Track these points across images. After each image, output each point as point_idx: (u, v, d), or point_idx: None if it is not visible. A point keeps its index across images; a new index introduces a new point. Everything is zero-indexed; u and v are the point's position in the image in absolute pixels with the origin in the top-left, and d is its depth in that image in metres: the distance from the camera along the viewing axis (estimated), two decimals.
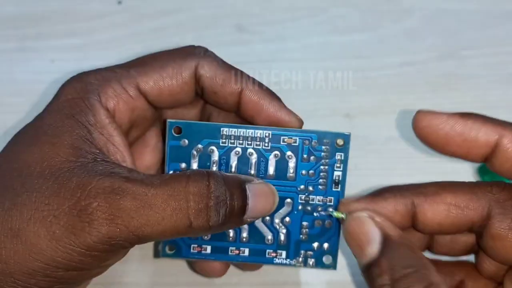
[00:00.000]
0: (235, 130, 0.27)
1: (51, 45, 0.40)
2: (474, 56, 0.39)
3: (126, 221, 0.22)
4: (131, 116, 0.27)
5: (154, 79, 0.27)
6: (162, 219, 0.23)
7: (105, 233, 0.22)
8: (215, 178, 0.24)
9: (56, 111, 0.25)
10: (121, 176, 0.23)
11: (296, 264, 0.29)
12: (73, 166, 0.23)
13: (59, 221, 0.22)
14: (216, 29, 0.41)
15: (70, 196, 0.22)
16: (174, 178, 0.24)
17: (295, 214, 0.28)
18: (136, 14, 0.42)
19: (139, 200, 0.23)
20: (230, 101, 0.28)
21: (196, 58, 0.27)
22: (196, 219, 0.23)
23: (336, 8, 0.41)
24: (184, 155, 0.28)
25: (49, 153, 0.24)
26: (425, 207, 0.25)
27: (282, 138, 0.28)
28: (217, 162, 0.28)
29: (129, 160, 0.26)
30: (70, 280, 0.23)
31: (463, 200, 0.25)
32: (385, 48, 0.40)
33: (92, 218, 0.22)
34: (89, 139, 0.25)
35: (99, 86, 0.26)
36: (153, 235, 0.23)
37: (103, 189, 0.23)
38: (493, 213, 0.24)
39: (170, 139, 0.28)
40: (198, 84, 0.28)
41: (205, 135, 0.27)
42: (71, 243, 0.22)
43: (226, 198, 0.24)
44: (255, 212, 0.25)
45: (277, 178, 0.28)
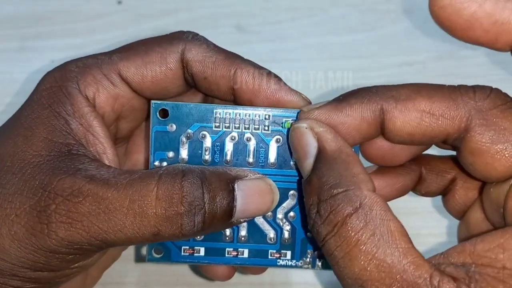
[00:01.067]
0: (231, 112, 0.24)
1: (51, 45, 0.40)
2: (474, 56, 0.39)
3: (86, 226, 0.21)
4: (114, 105, 0.25)
5: (136, 65, 0.24)
6: (123, 226, 0.21)
7: (64, 237, 0.21)
8: (191, 179, 0.22)
9: (34, 101, 0.24)
10: (85, 175, 0.22)
11: (303, 265, 0.25)
12: (42, 161, 0.22)
13: (20, 221, 0.21)
14: (216, 29, 0.41)
15: (32, 195, 0.21)
16: (142, 178, 0.22)
17: (300, 208, 0.25)
18: (136, 14, 0.42)
19: (99, 203, 0.21)
20: (223, 86, 0.25)
21: (183, 42, 0.25)
22: (164, 228, 0.21)
23: (336, 8, 0.41)
24: (172, 142, 0.24)
25: (21, 147, 0.23)
26: (395, 114, 0.22)
27: (284, 121, 0.24)
28: (210, 150, 0.24)
29: (110, 152, 0.24)
30: (42, 280, 0.22)
31: (439, 107, 0.22)
32: (385, 48, 0.40)
33: (50, 221, 0.21)
34: (66, 130, 0.23)
35: (78, 74, 0.24)
36: (119, 242, 0.21)
37: (62, 191, 0.21)
38: (473, 124, 0.21)
39: (155, 124, 0.24)
40: (187, 71, 0.25)
41: (195, 119, 0.24)
42: (32, 244, 0.21)
43: (203, 203, 0.22)
44: (247, 213, 0.23)
45: (279, 167, 0.25)
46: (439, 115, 0.22)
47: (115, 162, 0.24)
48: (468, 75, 0.39)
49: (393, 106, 0.22)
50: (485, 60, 0.39)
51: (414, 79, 0.39)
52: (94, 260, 0.24)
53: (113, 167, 0.23)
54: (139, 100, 0.26)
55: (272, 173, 0.25)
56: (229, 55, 0.25)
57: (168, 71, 0.25)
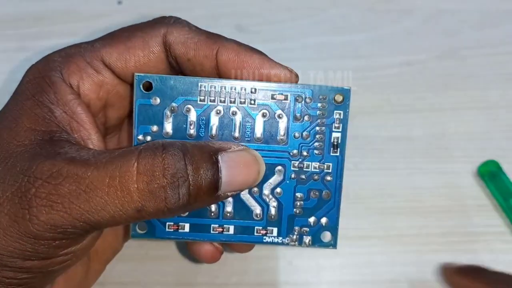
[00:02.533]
0: (216, 85, 0.24)
1: (51, 45, 0.40)
2: (474, 56, 0.39)
3: (67, 208, 0.21)
4: (99, 92, 0.25)
5: (118, 50, 0.24)
6: (105, 204, 0.21)
7: (45, 220, 0.21)
8: (172, 151, 0.21)
9: (19, 93, 0.24)
10: (65, 158, 0.21)
11: (290, 242, 0.25)
12: (25, 150, 0.22)
13: (3, 209, 0.21)
14: (216, 29, 0.41)
15: (13, 182, 0.21)
16: (122, 155, 0.21)
17: (287, 184, 0.25)
18: (136, 14, 0.42)
19: (79, 183, 0.21)
20: (207, 66, 0.24)
21: (164, 26, 0.25)
22: (148, 202, 0.21)
23: (336, 8, 0.41)
24: (156, 116, 0.24)
25: (6, 139, 0.23)
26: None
27: (271, 95, 0.24)
28: (194, 124, 0.24)
29: (95, 137, 0.24)
30: (34, 268, 0.22)
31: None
32: (385, 48, 0.40)
33: (31, 205, 0.21)
34: (50, 118, 0.23)
35: (61, 63, 0.24)
36: (103, 222, 0.21)
37: (41, 174, 0.21)
38: None
39: (138, 97, 0.24)
40: (170, 54, 0.25)
41: (180, 92, 0.24)
42: (16, 231, 0.21)
43: (186, 175, 0.21)
44: (234, 186, 0.22)
45: (266, 142, 0.24)
46: None
47: (101, 147, 0.24)
48: (468, 75, 0.39)
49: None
50: (486, 60, 0.39)
51: (414, 79, 0.39)
52: (86, 246, 0.23)
53: (93, 149, 0.23)
54: (124, 86, 0.26)
55: (258, 149, 0.24)
56: (211, 35, 0.25)
57: (151, 55, 0.24)
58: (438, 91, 0.38)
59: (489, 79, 0.38)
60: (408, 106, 0.38)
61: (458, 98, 0.38)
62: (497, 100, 0.38)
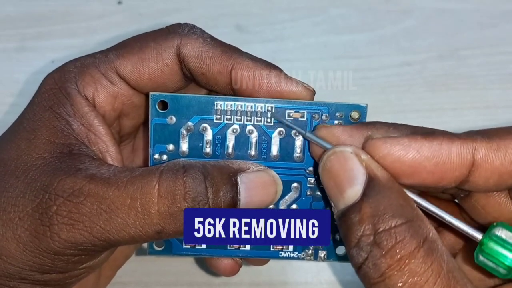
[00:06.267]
0: (232, 104, 0.24)
1: (51, 45, 0.40)
2: (473, 56, 0.39)
3: (88, 227, 0.21)
4: (114, 103, 0.25)
5: (132, 62, 0.24)
6: (125, 225, 0.21)
7: (66, 239, 0.21)
8: (193, 174, 0.21)
9: (36, 104, 0.24)
10: (86, 175, 0.21)
11: (305, 257, 0.25)
12: (45, 163, 0.22)
13: (24, 224, 0.21)
14: (216, 29, 0.41)
15: (34, 198, 0.21)
16: (142, 175, 0.21)
17: (303, 201, 0.25)
18: (136, 14, 0.42)
19: (100, 203, 0.21)
20: (221, 81, 0.24)
21: (178, 37, 0.24)
22: (168, 225, 0.21)
23: (336, 8, 0.41)
24: (172, 135, 0.24)
25: (24, 150, 0.23)
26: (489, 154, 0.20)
27: (287, 112, 0.24)
28: (211, 143, 0.24)
29: (113, 150, 0.24)
30: (51, 282, 0.22)
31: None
32: (385, 48, 0.40)
33: (52, 223, 0.21)
34: (68, 131, 0.23)
35: (76, 74, 0.24)
36: (122, 241, 0.21)
37: (62, 192, 0.21)
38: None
39: (154, 116, 0.24)
40: (184, 66, 0.24)
41: (196, 111, 0.23)
42: (36, 247, 0.21)
43: (207, 198, 0.21)
44: (251, 206, 0.22)
45: (282, 159, 0.24)
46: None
47: (118, 160, 0.24)
48: (468, 75, 0.39)
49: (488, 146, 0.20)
50: (485, 60, 0.39)
51: (414, 79, 0.39)
52: (102, 260, 0.24)
53: (113, 166, 0.23)
54: (139, 97, 0.25)
55: (274, 166, 0.24)
56: (226, 48, 0.24)
57: (164, 67, 0.24)
58: (437, 91, 0.38)
59: (489, 79, 0.39)
60: (408, 106, 0.38)
61: (458, 98, 0.38)
62: (496, 100, 0.38)
